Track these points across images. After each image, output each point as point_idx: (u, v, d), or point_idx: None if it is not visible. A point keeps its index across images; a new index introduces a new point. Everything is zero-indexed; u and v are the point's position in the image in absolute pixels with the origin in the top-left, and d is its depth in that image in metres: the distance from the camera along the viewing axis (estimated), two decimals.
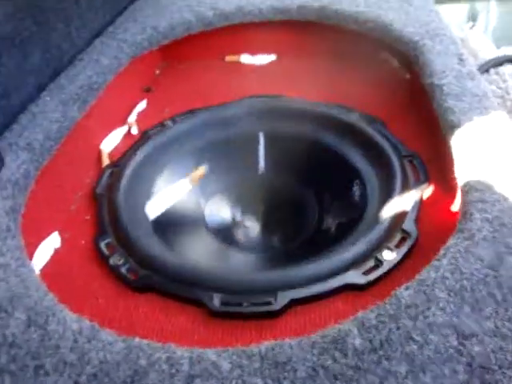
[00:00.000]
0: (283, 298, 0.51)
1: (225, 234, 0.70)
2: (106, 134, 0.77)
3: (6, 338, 0.39)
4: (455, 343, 0.37)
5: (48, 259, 0.59)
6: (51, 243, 0.61)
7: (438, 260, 0.44)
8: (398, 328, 0.38)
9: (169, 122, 0.79)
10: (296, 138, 0.76)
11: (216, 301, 0.52)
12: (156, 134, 0.75)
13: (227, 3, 0.94)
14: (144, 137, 0.76)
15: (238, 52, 1.00)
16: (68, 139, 0.67)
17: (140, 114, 0.84)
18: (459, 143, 0.60)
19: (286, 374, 0.36)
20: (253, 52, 0.99)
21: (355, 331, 0.38)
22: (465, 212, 0.50)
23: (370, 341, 0.38)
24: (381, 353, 0.37)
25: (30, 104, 0.67)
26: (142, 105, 0.86)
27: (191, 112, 0.80)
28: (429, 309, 0.40)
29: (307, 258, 0.57)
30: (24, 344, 0.39)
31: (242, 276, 0.56)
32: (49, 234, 0.61)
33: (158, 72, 0.97)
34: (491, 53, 0.95)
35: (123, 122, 0.82)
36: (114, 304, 0.54)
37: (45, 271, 0.57)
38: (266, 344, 0.39)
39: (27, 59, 0.68)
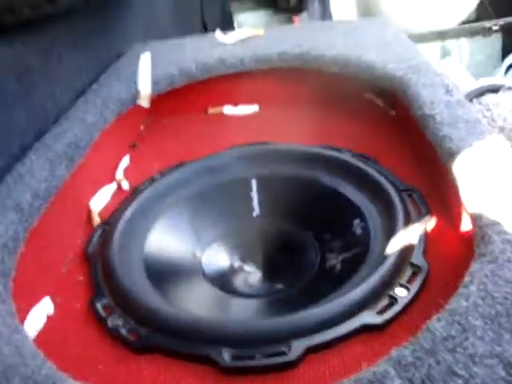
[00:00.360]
0: (298, 347, 0.47)
1: (225, 282, 0.67)
2: (95, 192, 0.74)
3: None
4: (503, 374, 0.34)
5: (41, 326, 0.55)
6: (43, 309, 0.57)
7: (466, 287, 0.42)
8: (438, 363, 0.35)
9: (158, 176, 0.77)
10: (289, 179, 0.74)
11: (226, 356, 0.48)
12: (146, 188, 0.73)
13: (209, 56, 0.95)
14: (134, 193, 0.74)
15: (220, 104, 1.00)
16: (56, 198, 0.64)
17: (127, 170, 0.82)
18: (461, 169, 0.59)
19: None
20: (235, 103, 0.99)
21: (392, 371, 0.35)
22: (482, 236, 0.48)
23: (410, 380, 0.34)
24: None
25: (16, 164, 0.65)
26: (126, 160, 0.84)
27: (180, 165, 0.78)
28: (467, 339, 0.37)
29: (315, 300, 0.54)
30: None
31: (251, 326, 0.52)
32: (40, 298, 0.57)
33: (142, 128, 0.96)
34: (471, 85, 0.97)
35: (111, 179, 0.79)
36: (116, 369, 0.49)
37: (38, 339, 0.52)
38: None
39: (11, 119, 0.66)
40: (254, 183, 0.74)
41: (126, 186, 0.77)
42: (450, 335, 0.37)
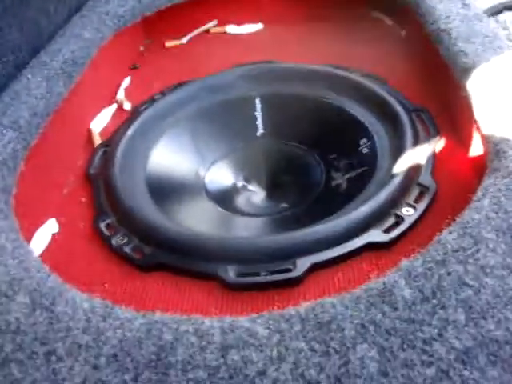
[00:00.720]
0: (303, 264, 0.47)
1: (229, 201, 0.66)
2: (95, 112, 0.72)
3: (9, 325, 0.35)
4: None
5: (46, 246, 0.55)
6: (48, 229, 0.56)
7: (478, 201, 0.41)
8: (449, 274, 0.35)
9: (158, 96, 0.74)
10: (295, 98, 0.72)
11: (231, 272, 0.48)
12: (146, 108, 0.70)
13: None
14: (134, 113, 0.72)
15: (223, 23, 0.95)
16: (56, 117, 0.62)
17: (127, 91, 0.79)
18: (475, 86, 0.56)
19: (332, 334, 0.32)
20: (239, 22, 0.95)
21: (402, 281, 0.34)
22: (496, 151, 0.46)
23: (420, 290, 0.34)
24: (434, 302, 0.33)
25: (11, 83, 0.62)
26: (127, 81, 0.81)
27: (180, 84, 0.75)
28: (478, 251, 0.36)
29: (320, 218, 0.54)
30: (30, 329, 0.35)
31: (256, 244, 0.52)
32: (43, 218, 0.56)
33: (142, 49, 0.92)
34: (487, 1, 0.91)
35: (111, 99, 0.77)
36: (122, 286, 0.49)
37: (44, 257, 0.52)
38: (304, 305, 0.35)
39: (3, 35, 0.62)
40: (257, 102, 0.72)
41: (127, 106, 0.75)
42: (462, 247, 0.37)
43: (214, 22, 0.96)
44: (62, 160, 0.64)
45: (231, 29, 0.95)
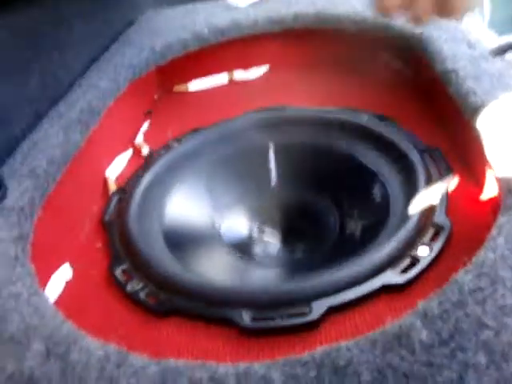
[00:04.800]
0: (319, 307, 0.47)
1: (244, 249, 0.66)
2: (111, 159, 0.74)
3: (23, 373, 0.35)
4: None
5: (60, 292, 0.55)
6: (62, 275, 0.57)
7: (493, 239, 0.40)
8: (467, 315, 0.34)
9: (174, 143, 0.75)
10: (307, 145, 0.73)
11: (246, 317, 0.47)
12: (162, 155, 0.72)
13: (222, 19, 0.92)
14: (149, 159, 0.73)
15: (232, 68, 0.97)
16: (72, 165, 0.63)
17: (144, 137, 0.81)
18: (485, 124, 0.56)
19: (348, 379, 0.31)
20: (247, 66, 0.97)
21: (418, 324, 0.34)
22: (509, 189, 0.46)
23: (438, 332, 0.33)
24: (453, 345, 0.32)
25: (30, 133, 0.64)
26: (145, 126, 0.83)
27: (195, 131, 0.77)
28: (496, 291, 0.35)
29: (335, 265, 0.53)
30: (44, 377, 0.34)
31: (271, 288, 0.52)
32: (59, 264, 0.57)
33: (156, 96, 0.94)
34: (493, 42, 0.93)
35: (126, 145, 0.78)
36: (136, 333, 0.49)
37: (58, 304, 0.52)
38: (319, 350, 0.34)
39: (25, 87, 0.65)
40: (271, 150, 0.73)
41: (145, 151, 0.76)
42: (479, 287, 0.36)
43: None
44: (78, 207, 0.65)
45: (238, 74, 0.97)
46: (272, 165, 0.74)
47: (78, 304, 0.53)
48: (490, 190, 0.55)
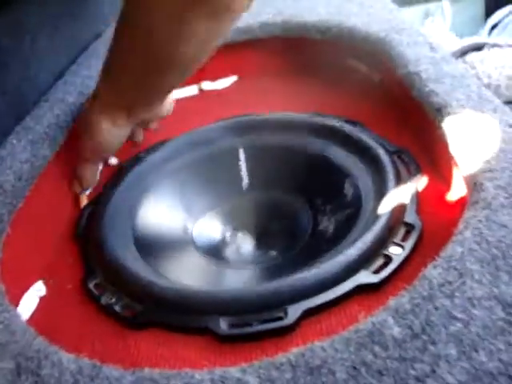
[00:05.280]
0: (295, 311, 0.47)
1: (218, 253, 0.66)
2: None
3: None
4: (502, 314, 0.33)
5: (34, 309, 0.54)
6: (35, 292, 0.56)
7: (461, 234, 0.41)
8: (437, 308, 0.35)
9: (143, 153, 0.75)
10: (277, 147, 0.73)
11: (223, 325, 0.47)
12: (131, 166, 0.71)
13: None
14: (119, 170, 0.73)
15: (200, 79, 0.97)
16: (41, 180, 0.62)
17: None
18: (449, 123, 0.58)
19: (324, 378, 0.31)
20: (214, 77, 0.97)
21: (390, 320, 0.34)
22: (474, 184, 0.48)
23: (410, 327, 0.34)
24: (424, 338, 0.33)
25: None
26: None
27: (164, 141, 0.77)
28: (464, 283, 0.36)
29: (309, 263, 0.54)
30: None
31: (246, 294, 0.51)
32: (31, 281, 0.56)
33: None
34: (455, 44, 0.96)
35: None
36: (113, 346, 0.48)
37: (31, 322, 0.51)
38: (294, 351, 0.34)
39: None
40: (241, 153, 0.73)
41: (114, 161, 0.76)
42: (447, 281, 0.37)
43: None
44: (49, 222, 0.64)
45: (206, 85, 0.97)
46: (243, 167, 0.74)
47: (52, 320, 0.52)
48: (457, 188, 0.56)
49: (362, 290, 0.49)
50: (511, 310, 0.34)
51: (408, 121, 0.73)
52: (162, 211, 0.67)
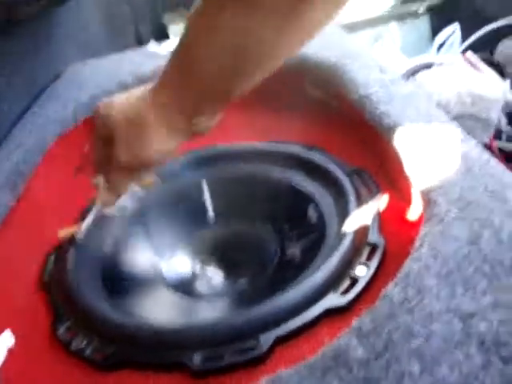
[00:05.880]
0: (267, 339, 0.47)
1: (188, 287, 0.66)
2: (43, 217, 0.72)
3: None
4: (460, 326, 0.35)
5: (2, 360, 0.53)
6: (3, 342, 0.54)
7: (417, 250, 0.43)
8: (398, 326, 0.36)
9: None
10: (240, 177, 0.75)
11: (196, 359, 0.47)
12: (95, 209, 0.71)
13: (145, 67, 0.94)
14: (83, 214, 0.72)
15: None
16: (4, 227, 0.61)
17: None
18: (402, 143, 0.60)
19: None
20: None
21: (354, 341, 0.35)
22: (428, 200, 0.49)
23: (372, 347, 0.34)
24: (387, 356, 0.34)
25: None
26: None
27: None
28: (423, 299, 0.37)
29: (278, 289, 0.54)
30: None
31: (217, 326, 0.52)
32: None
33: (87, 148, 0.93)
34: (405, 64, 0.99)
35: (58, 202, 0.77)
36: None
37: (1, 373, 0.50)
38: (263, 382, 0.35)
39: None
40: (204, 185, 0.74)
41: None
42: (407, 298, 0.38)
43: None
44: (15, 269, 0.63)
45: None
46: (208, 200, 0.74)
47: (22, 370, 0.51)
48: (415, 205, 0.58)
49: (331, 312, 0.50)
50: (468, 321, 0.35)
51: (364, 143, 0.75)
52: (129, 249, 0.67)
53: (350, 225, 0.59)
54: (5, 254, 0.61)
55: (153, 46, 1.05)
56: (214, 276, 0.69)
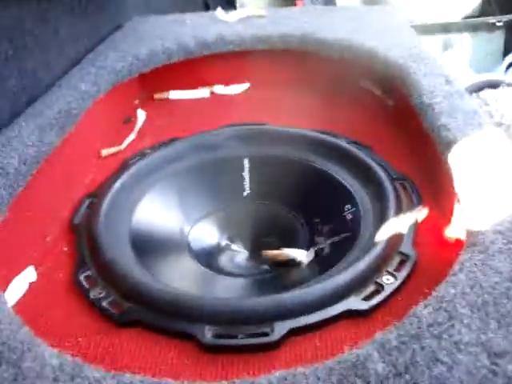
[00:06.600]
0: (281, 328, 0.47)
1: (211, 260, 0.66)
2: (84, 162, 0.73)
3: None
4: (487, 362, 0.33)
5: (22, 294, 0.54)
6: (26, 277, 0.56)
7: (454, 275, 0.41)
8: (423, 348, 0.35)
9: (148, 151, 0.75)
10: (282, 161, 0.73)
11: (208, 334, 0.47)
12: (135, 163, 0.71)
13: (208, 33, 0.93)
14: (123, 166, 0.73)
15: (212, 82, 0.98)
16: (44, 166, 0.62)
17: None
18: (456, 160, 0.58)
19: None
20: (228, 82, 0.98)
21: (375, 355, 0.34)
22: (473, 225, 0.48)
23: (394, 364, 0.34)
24: (407, 377, 0.33)
25: (5, 129, 0.63)
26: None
27: (171, 140, 0.77)
28: (453, 326, 0.36)
29: (301, 282, 0.54)
30: None
31: (235, 306, 0.51)
32: (23, 266, 0.56)
33: (137, 102, 0.94)
34: (471, 79, 0.96)
35: (101, 149, 0.78)
36: (97, 342, 0.48)
37: (18, 307, 0.51)
38: (276, 374, 0.34)
39: (2, 83, 0.64)
40: (246, 162, 0.73)
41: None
42: (436, 322, 0.37)
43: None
44: (48, 209, 0.64)
45: (218, 89, 0.98)
46: (246, 177, 0.74)
47: (39, 308, 0.52)
48: (456, 225, 0.56)
49: (350, 315, 0.49)
50: (497, 360, 0.34)
51: (416, 150, 0.73)
52: (160, 212, 0.67)
53: (385, 231, 0.57)
54: (43, 191, 0.62)
55: (220, 13, 1.03)
56: (239, 254, 0.68)
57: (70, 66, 0.81)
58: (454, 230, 0.57)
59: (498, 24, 1.29)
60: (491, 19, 1.34)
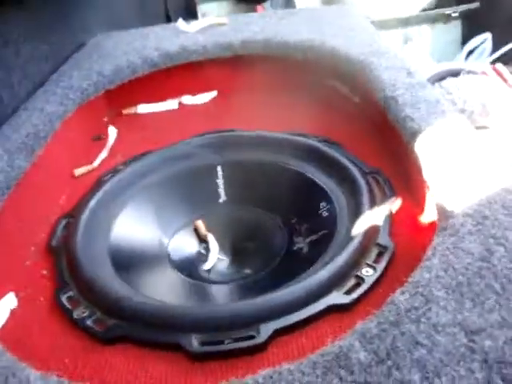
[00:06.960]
0: (267, 330, 0.47)
1: (192, 269, 0.66)
2: (56, 184, 0.72)
3: None
4: (465, 341, 0.34)
5: (4, 322, 0.53)
6: (6, 304, 0.55)
7: (429, 260, 0.42)
8: (403, 334, 0.35)
9: (121, 166, 0.75)
10: (255, 165, 0.74)
11: (195, 342, 0.47)
12: (108, 179, 0.71)
13: (171, 44, 0.93)
14: (97, 183, 0.73)
15: (180, 94, 0.98)
16: (16, 191, 0.62)
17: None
18: (423, 148, 0.60)
19: None
20: (195, 92, 0.98)
21: (357, 344, 0.35)
22: (443, 210, 0.49)
23: (375, 352, 0.34)
24: (389, 363, 0.34)
25: None
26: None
27: (143, 154, 0.77)
28: (430, 309, 0.37)
29: (283, 283, 0.54)
30: None
31: (219, 312, 0.52)
32: (3, 292, 0.55)
33: (106, 119, 0.94)
34: (432, 69, 0.98)
35: (72, 170, 0.77)
36: (84, 361, 0.48)
37: (1, 335, 0.51)
38: (262, 373, 0.35)
39: None
40: (219, 169, 0.74)
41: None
42: (414, 306, 0.38)
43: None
44: (25, 233, 0.63)
45: (186, 99, 0.98)
46: (220, 184, 0.74)
47: (23, 333, 0.52)
48: (429, 212, 0.58)
49: (333, 310, 0.50)
50: (474, 337, 0.35)
51: (384, 143, 0.75)
52: (138, 226, 0.67)
53: (361, 225, 0.58)
54: (17, 216, 0.62)
55: (181, 24, 1.04)
56: (220, 261, 0.69)
57: (35, 87, 0.80)
58: (427, 217, 0.59)
59: (453, 15, 1.33)
60: (447, 10, 1.37)
